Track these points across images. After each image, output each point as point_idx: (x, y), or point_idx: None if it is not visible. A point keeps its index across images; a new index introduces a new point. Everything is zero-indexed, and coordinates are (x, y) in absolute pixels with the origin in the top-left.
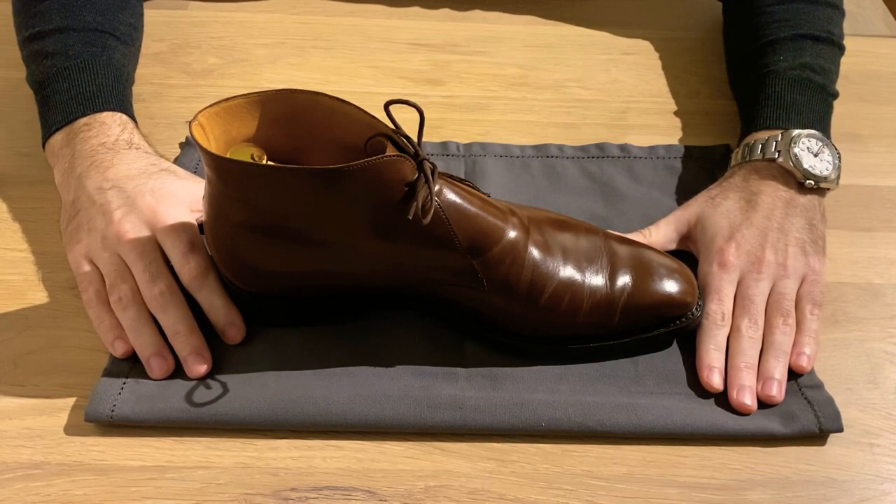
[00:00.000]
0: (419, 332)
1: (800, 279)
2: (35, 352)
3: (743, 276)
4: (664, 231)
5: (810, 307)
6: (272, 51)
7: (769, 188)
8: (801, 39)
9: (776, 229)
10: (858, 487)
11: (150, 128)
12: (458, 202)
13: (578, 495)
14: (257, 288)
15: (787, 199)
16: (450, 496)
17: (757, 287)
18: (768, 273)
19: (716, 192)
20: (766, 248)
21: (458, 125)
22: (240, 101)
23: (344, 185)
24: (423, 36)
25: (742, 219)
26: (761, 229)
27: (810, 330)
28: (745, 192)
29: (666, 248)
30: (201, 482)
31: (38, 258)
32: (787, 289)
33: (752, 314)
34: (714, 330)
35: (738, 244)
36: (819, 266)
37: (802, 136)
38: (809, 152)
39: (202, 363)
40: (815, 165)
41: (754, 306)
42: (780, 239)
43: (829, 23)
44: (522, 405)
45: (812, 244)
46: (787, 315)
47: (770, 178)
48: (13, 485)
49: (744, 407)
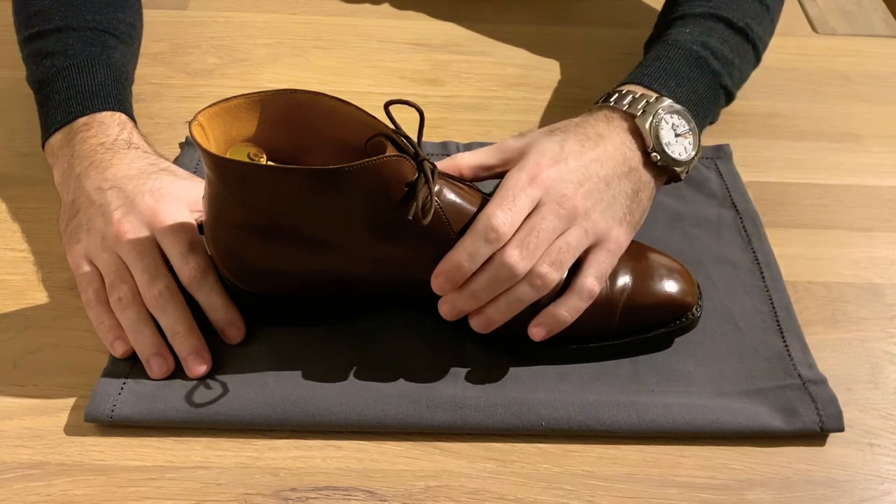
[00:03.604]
0: (419, 332)
1: (594, 240)
2: (35, 352)
3: (543, 202)
4: (481, 155)
5: (591, 280)
6: (272, 51)
7: (616, 139)
8: (714, 20)
9: (602, 178)
10: (858, 487)
11: (150, 128)
12: (458, 202)
13: (578, 495)
14: (257, 288)
15: (628, 159)
16: (450, 496)
17: (551, 221)
18: (570, 215)
19: (557, 126)
20: (581, 188)
21: (458, 125)
22: (240, 101)
23: (344, 185)
24: (423, 36)
25: (575, 151)
26: (588, 170)
27: (572, 306)
28: (590, 132)
29: (477, 176)
30: (201, 482)
31: (38, 258)
32: (576, 241)
33: (528, 246)
34: (481, 241)
35: (557, 170)
36: (622, 240)
37: (674, 110)
38: (673, 129)
39: (202, 363)
40: (671, 143)
41: (536, 240)
42: (600, 189)
43: (752, 18)
44: (522, 405)
45: (628, 214)
46: (557, 268)
47: (621, 131)
48: (13, 485)
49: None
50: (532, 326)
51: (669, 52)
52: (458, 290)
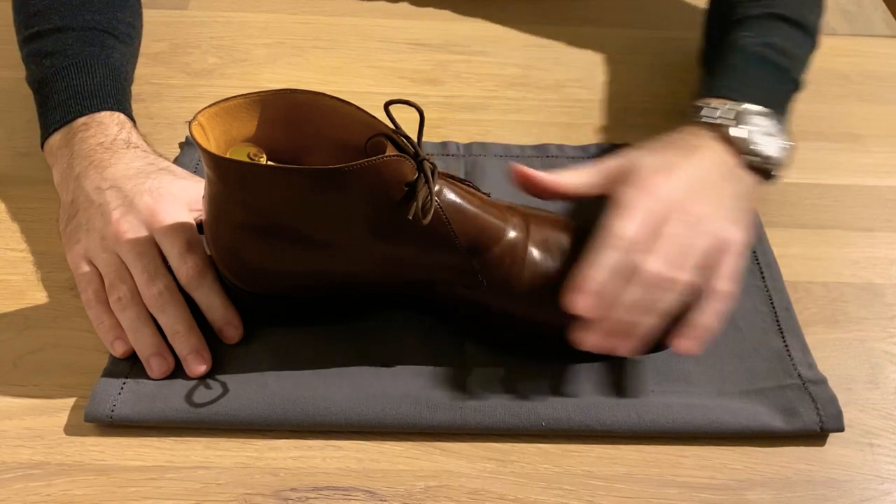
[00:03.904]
0: (419, 331)
1: (718, 244)
2: (35, 352)
3: (665, 213)
4: (583, 175)
5: (724, 282)
6: (272, 51)
7: (713, 148)
8: (773, 19)
9: (710, 183)
10: (858, 487)
11: (149, 128)
12: (458, 202)
13: (578, 495)
14: (257, 288)
15: (727, 163)
16: (450, 496)
17: (678, 227)
18: (694, 222)
19: (653, 145)
20: (695, 194)
21: (458, 125)
22: (240, 101)
23: (344, 185)
24: (423, 36)
25: (678, 161)
26: (696, 177)
27: (714, 310)
28: (686, 146)
29: (580, 194)
30: (201, 482)
31: (38, 258)
32: (704, 246)
33: (664, 253)
34: (617, 253)
35: (667, 180)
36: (743, 241)
37: (760, 113)
38: (761, 131)
39: (202, 363)
40: (762, 144)
41: (670, 245)
42: (711, 193)
43: (806, 10)
44: (522, 405)
45: (740, 215)
46: (690, 273)
47: (715, 141)
48: (13, 485)
49: (583, 343)
50: (681, 341)
51: (738, 58)
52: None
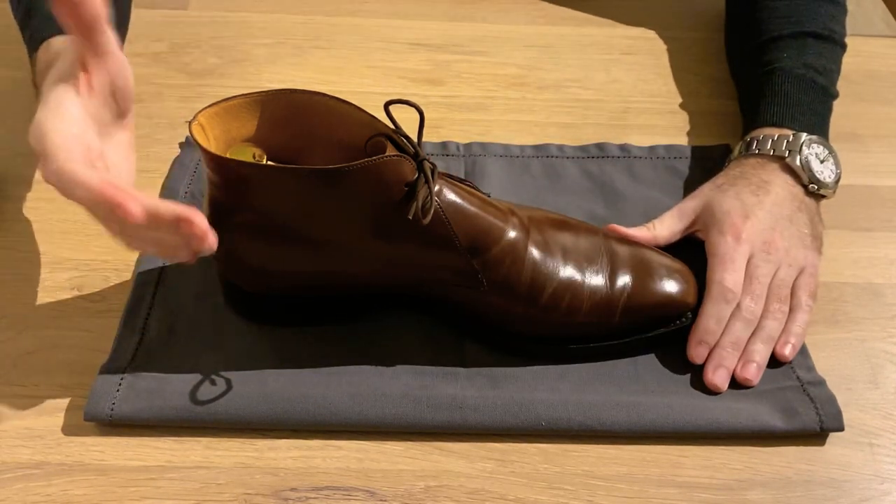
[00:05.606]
0: (419, 331)
1: (798, 270)
2: (35, 352)
3: (753, 254)
4: (669, 223)
5: (806, 298)
6: (272, 51)
7: (779, 181)
8: (804, 37)
9: (785, 218)
10: (858, 487)
11: (149, 128)
12: (458, 202)
13: (578, 495)
14: (257, 288)
15: (795, 195)
16: (450, 496)
17: (765, 267)
18: (776, 257)
19: (721, 181)
20: (776, 232)
21: (458, 125)
22: (240, 101)
23: (344, 185)
24: (423, 36)
25: (755, 202)
26: (773, 215)
27: (802, 320)
28: (754, 181)
29: (672, 241)
30: (201, 482)
31: (39, 258)
32: (787, 276)
33: (756, 293)
34: (722, 304)
35: (752, 223)
36: (817, 262)
37: (812, 141)
38: (817, 158)
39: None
40: (821, 171)
41: (760, 286)
42: (788, 228)
43: (831, 20)
44: (522, 405)
45: (813, 240)
46: (783, 302)
47: (779, 173)
48: (13, 485)
49: (715, 386)
50: (781, 348)
51: (782, 84)
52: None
